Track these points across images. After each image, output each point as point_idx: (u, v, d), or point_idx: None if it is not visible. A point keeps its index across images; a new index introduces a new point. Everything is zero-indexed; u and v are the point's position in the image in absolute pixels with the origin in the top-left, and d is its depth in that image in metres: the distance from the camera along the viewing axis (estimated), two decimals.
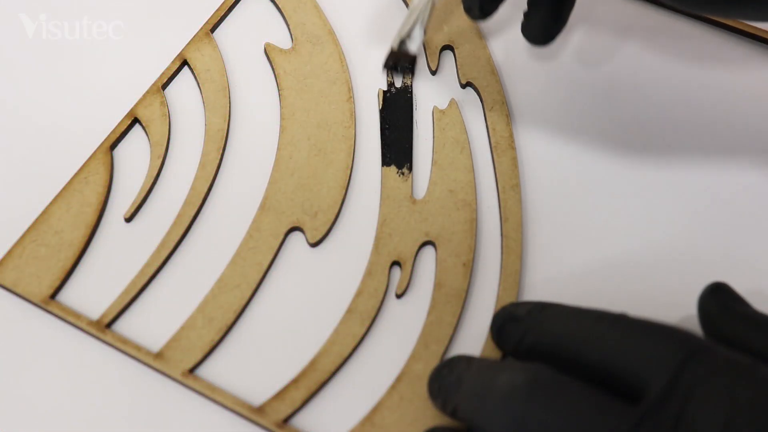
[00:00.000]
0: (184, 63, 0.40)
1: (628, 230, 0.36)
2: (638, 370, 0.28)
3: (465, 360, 0.31)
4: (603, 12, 0.42)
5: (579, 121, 0.39)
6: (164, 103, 0.39)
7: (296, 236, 0.36)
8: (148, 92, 0.39)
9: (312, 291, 0.35)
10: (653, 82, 0.40)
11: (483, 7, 0.37)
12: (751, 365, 0.27)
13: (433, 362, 0.33)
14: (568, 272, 0.35)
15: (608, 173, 0.38)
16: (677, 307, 0.33)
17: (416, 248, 0.35)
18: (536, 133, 0.39)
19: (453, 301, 0.34)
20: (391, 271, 0.35)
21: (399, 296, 0.35)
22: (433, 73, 0.40)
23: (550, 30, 0.36)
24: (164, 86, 0.39)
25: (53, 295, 0.34)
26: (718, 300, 0.31)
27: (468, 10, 0.37)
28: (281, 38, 0.41)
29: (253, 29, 0.42)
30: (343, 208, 0.37)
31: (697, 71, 0.40)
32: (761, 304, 0.32)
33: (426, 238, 0.36)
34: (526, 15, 0.36)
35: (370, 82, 0.40)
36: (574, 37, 0.41)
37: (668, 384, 0.27)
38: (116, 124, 0.38)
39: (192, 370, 0.33)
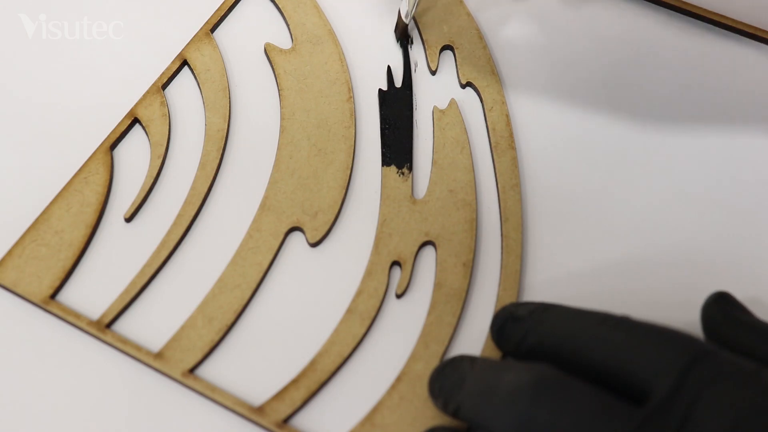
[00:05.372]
0: (184, 63, 0.40)
1: (629, 231, 0.36)
2: (642, 373, 0.28)
3: (468, 360, 0.31)
4: (603, 12, 0.42)
5: (579, 121, 0.39)
6: (164, 103, 0.39)
7: (296, 236, 0.36)
8: (148, 92, 0.39)
9: (312, 291, 0.35)
10: (653, 82, 0.40)
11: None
12: (755, 370, 0.27)
13: (433, 362, 0.33)
14: (568, 273, 0.35)
15: (609, 173, 0.38)
16: (678, 308, 0.33)
17: (416, 248, 0.35)
18: (536, 133, 0.39)
19: (453, 301, 0.34)
20: (391, 271, 0.35)
21: (399, 296, 0.35)
22: (433, 73, 0.40)
23: None
24: (164, 86, 0.39)
25: (53, 295, 0.34)
26: (722, 308, 0.31)
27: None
28: (281, 38, 0.41)
29: (253, 29, 0.42)
30: (343, 208, 0.37)
31: (697, 71, 0.40)
32: (762, 308, 0.32)
33: (426, 238, 0.36)
34: None
35: (370, 82, 0.40)
36: (574, 37, 0.41)
37: (674, 386, 0.27)
38: (116, 124, 0.38)
39: (192, 370, 0.33)
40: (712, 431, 0.26)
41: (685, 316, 0.32)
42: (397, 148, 0.38)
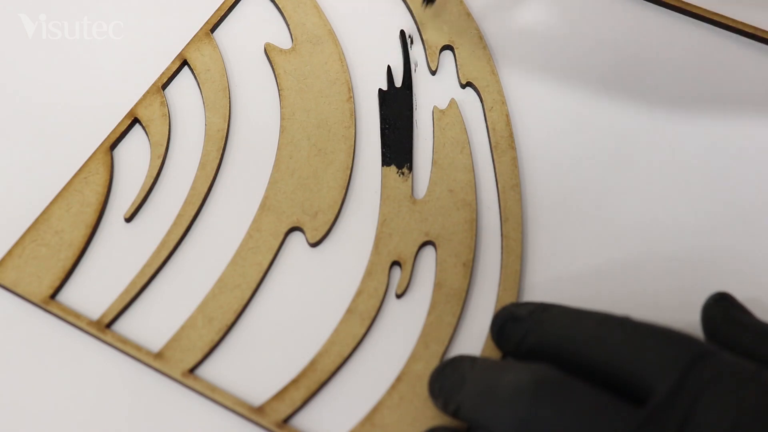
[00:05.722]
0: (184, 63, 0.40)
1: (629, 231, 0.36)
2: (643, 373, 0.28)
3: (468, 359, 0.31)
4: (603, 12, 0.42)
5: (579, 121, 0.39)
6: (164, 103, 0.39)
7: (296, 236, 0.36)
8: (148, 92, 0.39)
9: (312, 291, 0.35)
10: (654, 82, 0.40)
11: None
12: (756, 371, 0.27)
13: (433, 362, 0.33)
14: (568, 272, 0.35)
15: (609, 174, 0.38)
16: (678, 309, 0.33)
17: (416, 248, 0.35)
18: (536, 133, 0.39)
19: (453, 301, 0.34)
20: (391, 271, 0.35)
21: (399, 296, 0.35)
22: (433, 73, 0.40)
23: None
24: (164, 86, 0.39)
25: (53, 295, 0.34)
26: (722, 309, 0.31)
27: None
28: (281, 38, 0.41)
29: (253, 29, 0.42)
30: (343, 208, 0.37)
31: (698, 72, 0.40)
32: (762, 308, 0.32)
33: (426, 238, 0.36)
34: None
35: (370, 82, 0.40)
36: (575, 37, 0.41)
37: (674, 387, 0.27)
38: (116, 124, 0.38)
39: (192, 370, 0.33)
40: (712, 431, 0.26)
41: (685, 316, 0.32)
42: (397, 148, 0.38)
